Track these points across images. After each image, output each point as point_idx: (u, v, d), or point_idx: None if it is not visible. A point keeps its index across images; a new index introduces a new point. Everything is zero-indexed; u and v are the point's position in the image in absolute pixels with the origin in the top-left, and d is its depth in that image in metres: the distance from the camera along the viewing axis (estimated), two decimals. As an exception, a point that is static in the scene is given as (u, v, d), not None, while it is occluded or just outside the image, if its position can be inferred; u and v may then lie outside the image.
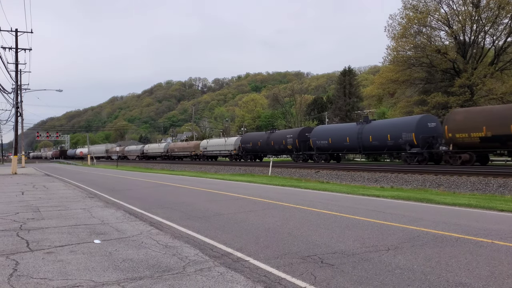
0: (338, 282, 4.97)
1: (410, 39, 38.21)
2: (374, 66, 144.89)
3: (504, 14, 34.58)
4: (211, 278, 5.24)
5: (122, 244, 7.28)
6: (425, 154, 28.72)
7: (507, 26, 35.39)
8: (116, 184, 22.49)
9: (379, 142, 32.34)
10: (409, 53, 39.17)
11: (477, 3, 35.62)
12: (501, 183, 17.12)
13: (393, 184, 20.28)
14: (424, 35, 38.51)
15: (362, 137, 33.60)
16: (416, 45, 38.09)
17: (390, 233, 7.79)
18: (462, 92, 34.51)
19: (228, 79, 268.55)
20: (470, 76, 34.52)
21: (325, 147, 37.83)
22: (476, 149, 24.84)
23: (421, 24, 37.87)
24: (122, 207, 12.55)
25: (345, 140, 35.23)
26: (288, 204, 12.25)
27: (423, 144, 28.69)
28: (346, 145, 35.65)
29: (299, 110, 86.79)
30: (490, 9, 34.91)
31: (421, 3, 38.32)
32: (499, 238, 7.15)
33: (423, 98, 38.27)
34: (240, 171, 34.27)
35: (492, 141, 23.84)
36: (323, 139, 38.04)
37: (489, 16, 35.20)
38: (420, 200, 12.87)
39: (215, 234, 8.05)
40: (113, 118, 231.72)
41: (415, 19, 37.47)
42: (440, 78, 39.87)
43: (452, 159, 26.12)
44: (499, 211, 10.42)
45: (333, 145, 37.01)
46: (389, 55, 40.54)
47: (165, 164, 53.30)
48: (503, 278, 5.00)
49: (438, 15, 37.71)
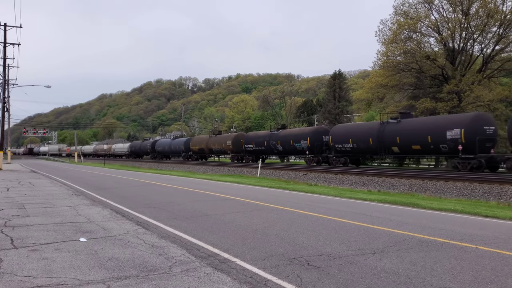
0: (324, 285, 5.00)
1: (400, 44, 38.47)
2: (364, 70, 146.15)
3: (492, 22, 35.02)
4: (197, 278, 5.23)
5: (108, 243, 7.24)
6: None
7: (495, 34, 35.84)
8: (103, 182, 22.33)
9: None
10: (399, 58, 39.43)
11: (466, 11, 36.02)
12: (486, 189, 17.34)
13: (380, 188, 20.42)
14: (414, 41, 38.83)
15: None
16: (406, 51, 38.37)
17: (376, 236, 7.85)
18: (450, 98, 34.86)
19: (218, 80, 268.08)
20: (459, 82, 34.89)
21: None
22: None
23: (412, 30, 38.18)
24: (109, 205, 12.47)
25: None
26: (276, 205, 12.27)
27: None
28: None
29: (289, 112, 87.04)
30: (479, 17, 35.33)
31: (412, 9, 38.66)
32: (483, 243, 7.24)
33: (411, 103, 38.60)
34: (229, 171, 34.24)
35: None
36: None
37: (478, 24, 35.62)
38: (407, 204, 12.98)
39: (202, 234, 8.04)
40: (102, 116, 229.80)
41: (406, 25, 37.76)
42: (429, 84, 40.22)
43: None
44: (484, 217, 10.56)
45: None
46: (379, 59, 40.80)
47: (153, 163, 52.99)
48: (486, 283, 5.07)
49: (428, 22, 38.08)
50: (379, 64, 41.13)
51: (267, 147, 42.42)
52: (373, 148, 31.17)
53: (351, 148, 32.76)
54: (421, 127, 27.98)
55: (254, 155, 45.06)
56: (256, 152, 44.64)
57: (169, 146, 62.93)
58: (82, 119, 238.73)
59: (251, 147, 44.97)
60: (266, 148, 42.86)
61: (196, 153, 55.86)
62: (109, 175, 29.47)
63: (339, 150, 33.87)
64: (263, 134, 45.42)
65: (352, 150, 32.89)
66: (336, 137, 34.15)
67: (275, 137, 41.56)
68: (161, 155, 65.02)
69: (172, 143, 62.50)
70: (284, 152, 42.23)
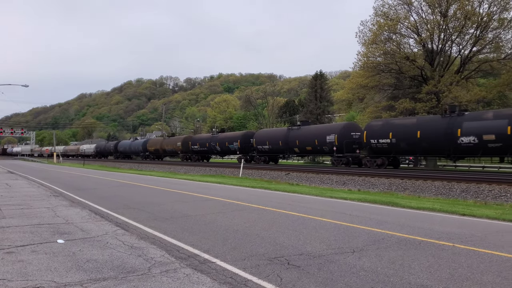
0: (303, 284, 5.02)
1: (380, 45, 38.91)
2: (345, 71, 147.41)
3: (470, 24, 35.70)
4: (177, 279, 5.20)
5: (87, 244, 7.14)
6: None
7: (473, 36, 36.55)
8: (82, 183, 22.02)
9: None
10: (379, 59, 39.86)
11: (445, 13, 36.64)
12: (463, 188, 17.66)
13: (360, 187, 20.61)
14: (394, 42, 39.32)
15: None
16: (386, 52, 38.83)
17: (356, 235, 7.92)
18: (429, 99, 35.41)
19: (200, 79, 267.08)
20: (437, 83, 35.48)
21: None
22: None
23: (391, 31, 38.65)
24: (88, 206, 12.30)
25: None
26: (257, 205, 12.28)
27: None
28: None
29: (271, 112, 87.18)
30: (457, 19, 35.97)
31: (391, 10, 39.13)
32: (460, 241, 7.37)
33: (391, 103, 39.09)
34: (211, 172, 34.13)
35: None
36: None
37: (456, 25, 36.26)
38: (386, 203, 13.13)
39: (183, 235, 7.99)
40: (81, 116, 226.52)
41: (386, 26, 38.20)
42: (408, 84, 40.81)
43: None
44: (461, 215, 10.75)
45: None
46: (360, 60, 41.17)
47: (133, 164, 52.53)
48: (462, 280, 5.16)
49: (408, 23, 38.60)
50: (359, 65, 41.51)
51: (208, 148, 48.30)
52: (282, 149, 37.74)
53: (268, 148, 39.18)
54: (312, 133, 34.95)
55: (199, 155, 51.19)
56: (201, 152, 50.48)
57: (129, 147, 68.87)
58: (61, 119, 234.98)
59: (197, 148, 50.61)
60: (208, 149, 48.76)
61: (153, 153, 61.10)
62: (88, 175, 29.07)
63: (260, 150, 40.14)
64: (205, 137, 51.51)
65: (269, 150, 39.22)
66: (258, 140, 40.39)
67: (215, 139, 47.32)
68: (123, 155, 70.78)
69: (132, 144, 68.57)
70: (221, 152, 48.26)
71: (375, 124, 30.55)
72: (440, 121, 25.87)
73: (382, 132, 28.59)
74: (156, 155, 60.77)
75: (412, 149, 27.83)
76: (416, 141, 26.63)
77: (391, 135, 27.94)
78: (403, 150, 28.40)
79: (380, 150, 28.89)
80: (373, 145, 29.04)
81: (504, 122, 22.47)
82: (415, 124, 27.40)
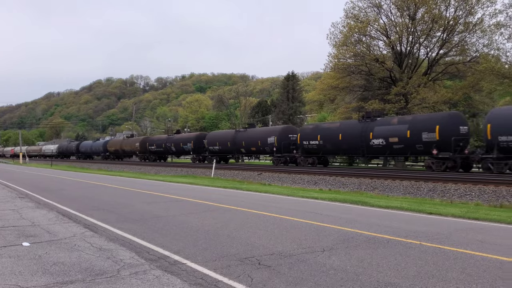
0: (274, 284, 5.04)
1: (350, 47, 39.45)
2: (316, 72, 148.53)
3: (437, 27, 36.66)
4: (146, 281, 5.14)
5: (53, 247, 6.97)
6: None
7: (440, 39, 37.56)
8: (50, 184, 21.47)
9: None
10: (349, 61, 40.41)
11: (413, 16, 37.49)
12: (431, 187, 18.12)
13: (331, 187, 20.86)
14: (364, 44, 39.94)
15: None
16: (356, 54, 39.40)
17: (326, 234, 8.01)
18: (397, 100, 36.16)
19: (172, 79, 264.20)
20: (405, 85, 36.28)
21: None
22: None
23: (361, 33, 39.24)
24: (55, 208, 12.01)
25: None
26: (229, 206, 12.26)
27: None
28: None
29: (243, 112, 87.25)
30: (425, 22, 36.87)
31: (361, 12, 39.74)
32: (427, 239, 7.55)
33: (361, 104, 39.73)
34: (182, 172, 33.87)
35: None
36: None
37: (424, 28, 37.17)
38: (356, 202, 13.34)
39: (153, 236, 7.90)
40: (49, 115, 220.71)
41: (356, 28, 38.76)
42: (378, 86, 41.57)
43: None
44: (428, 214, 11.02)
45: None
46: (331, 62, 41.61)
47: (102, 164, 51.63)
48: (428, 277, 5.29)
49: (377, 25, 39.29)
50: (330, 66, 41.96)
51: (164, 148, 50.43)
52: (230, 149, 40.36)
53: (218, 149, 41.54)
54: (256, 135, 37.92)
55: (156, 155, 53.47)
56: (158, 152, 52.60)
57: (90, 147, 70.65)
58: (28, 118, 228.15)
59: (154, 148, 52.62)
60: (164, 150, 50.84)
61: (113, 154, 63.00)
62: (56, 176, 28.37)
63: (212, 151, 42.41)
64: (162, 138, 53.84)
65: (219, 151, 41.66)
66: (209, 141, 42.86)
67: (170, 141, 49.44)
68: (84, 155, 72.13)
69: (93, 145, 70.73)
70: (176, 153, 50.29)
71: (307, 128, 34.99)
72: (357, 126, 29.28)
73: (312, 135, 32.02)
74: (116, 155, 62.66)
75: (336, 149, 31.54)
76: (338, 142, 30.21)
77: (319, 137, 31.32)
78: (329, 150, 31.88)
79: (311, 151, 32.29)
80: (306, 146, 32.39)
81: (405, 126, 25.95)
82: (338, 128, 31.01)
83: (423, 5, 36.64)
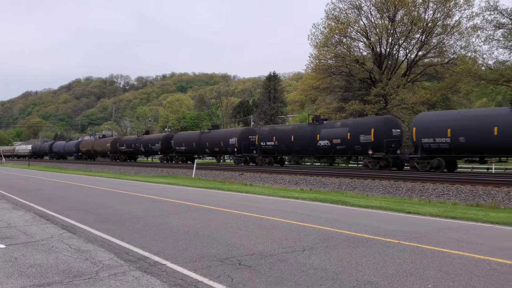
0: (254, 284, 5.04)
1: (331, 48, 39.79)
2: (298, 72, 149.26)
3: (416, 29, 37.29)
4: (126, 282, 5.08)
5: (30, 249, 6.84)
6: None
7: (418, 40, 38.21)
8: (26, 184, 21.06)
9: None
10: (330, 61, 40.75)
11: (392, 18, 38.04)
12: (409, 187, 18.38)
13: (312, 187, 20.97)
14: (345, 45, 40.35)
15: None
16: (337, 55, 39.77)
17: (306, 234, 8.05)
18: (377, 101, 36.63)
19: (152, 78, 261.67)
20: (385, 86, 36.77)
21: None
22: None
23: (342, 35, 39.63)
24: (32, 209, 11.78)
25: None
26: (209, 206, 12.21)
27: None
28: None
29: (225, 112, 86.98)
30: (404, 24, 37.46)
31: (342, 14, 40.14)
32: (405, 238, 7.66)
33: (341, 105, 40.12)
34: (162, 172, 33.61)
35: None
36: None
37: (403, 30, 37.76)
38: (336, 202, 13.44)
39: (132, 237, 7.82)
40: (26, 115, 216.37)
41: (337, 29, 39.12)
42: (358, 87, 42.03)
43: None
44: (407, 213, 11.17)
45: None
46: (312, 63, 41.94)
47: (81, 165, 50.94)
48: (406, 276, 5.37)
49: (358, 27, 39.74)
50: (311, 67, 42.28)
51: (134, 149, 52.08)
52: (195, 150, 42.45)
53: (184, 149, 43.55)
54: (219, 136, 39.78)
55: (126, 155, 55.00)
56: (128, 153, 54.17)
57: (63, 148, 71.43)
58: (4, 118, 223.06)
59: (124, 148, 54.10)
60: (133, 150, 52.41)
61: (85, 154, 64.07)
62: (33, 176, 27.84)
63: (178, 151, 44.43)
64: (132, 139, 55.82)
65: (185, 151, 43.69)
66: (176, 142, 44.74)
67: (139, 141, 51.10)
68: (57, 156, 72.46)
69: (66, 145, 71.60)
70: (145, 153, 52.16)
71: (264, 130, 36.76)
72: (307, 128, 31.71)
73: (269, 136, 34.26)
74: (88, 156, 63.76)
75: (289, 150, 33.81)
76: (291, 143, 32.61)
77: (274, 139, 33.69)
78: (284, 151, 34.32)
79: (268, 151, 34.70)
80: (263, 146, 34.69)
81: (346, 129, 28.48)
82: (291, 130, 33.75)
83: (402, 7, 37.22)
